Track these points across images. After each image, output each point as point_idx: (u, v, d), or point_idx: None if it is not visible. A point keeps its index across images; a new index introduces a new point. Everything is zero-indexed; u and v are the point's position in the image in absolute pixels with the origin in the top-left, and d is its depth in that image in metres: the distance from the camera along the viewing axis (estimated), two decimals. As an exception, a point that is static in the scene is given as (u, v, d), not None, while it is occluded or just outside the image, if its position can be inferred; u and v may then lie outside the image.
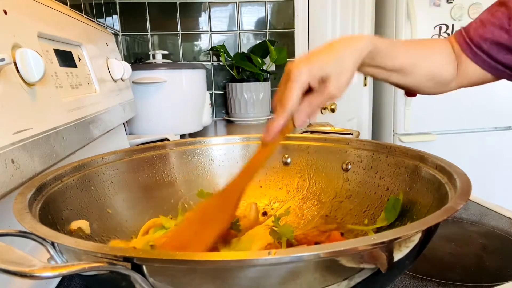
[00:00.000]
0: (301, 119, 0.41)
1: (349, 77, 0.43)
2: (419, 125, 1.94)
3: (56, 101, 0.50)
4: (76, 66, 0.63)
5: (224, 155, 0.56)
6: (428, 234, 0.30)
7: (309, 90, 0.42)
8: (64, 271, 0.21)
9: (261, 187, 0.56)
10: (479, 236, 0.52)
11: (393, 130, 1.99)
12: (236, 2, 1.56)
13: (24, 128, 0.40)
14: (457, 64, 0.56)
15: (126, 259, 0.23)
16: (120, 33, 1.46)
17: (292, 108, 0.40)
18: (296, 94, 0.40)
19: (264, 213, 0.54)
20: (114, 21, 1.39)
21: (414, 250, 0.29)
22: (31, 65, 0.42)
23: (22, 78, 0.42)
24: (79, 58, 0.66)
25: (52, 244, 0.28)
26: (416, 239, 0.28)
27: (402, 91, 1.90)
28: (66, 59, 0.60)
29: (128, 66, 0.90)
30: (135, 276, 0.23)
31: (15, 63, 0.41)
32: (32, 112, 0.43)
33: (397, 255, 0.27)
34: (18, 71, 0.42)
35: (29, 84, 0.43)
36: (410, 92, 1.84)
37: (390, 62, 0.51)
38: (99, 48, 0.80)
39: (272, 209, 0.54)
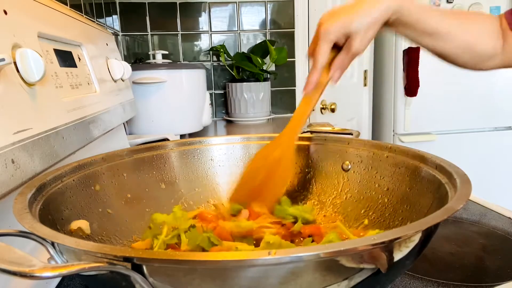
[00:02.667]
0: (335, 74, 0.47)
1: (372, 34, 0.48)
2: (419, 125, 1.95)
3: (56, 101, 0.50)
4: (76, 66, 0.63)
5: (224, 155, 0.56)
6: (428, 234, 0.30)
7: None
8: (64, 271, 0.21)
9: None
10: (479, 236, 0.52)
11: (393, 130, 1.99)
12: (236, 2, 1.56)
13: (24, 128, 0.40)
14: (503, 41, 0.56)
15: (126, 259, 0.23)
16: (120, 33, 1.46)
17: (322, 62, 0.46)
18: (324, 50, 0.46)
19: None
20: (114, 21, 1.39)
21: (414, 250, 0.29)
22: (31, 65, 0.42)
23: (22, 78, 0.42)
24: (79, 58, 0.66)
25: (52, 244, 0.28)
26: (416, 239, 0.28)
27: (402, 91, 1.90)
28: (66, 59, 0.60)
29: (128, 66, 0.90)
30: (135, 276, 0.23)
31: (15, 63, 0.41)
32: (32, 112, 0.43)
33: (397, 255, 0.27)
34: (18, 71, 0.42)
35: (29, 84, 0.43)
36: (411, 90, 1.81)
37: (421, 24, 0.51)
38: (99, 48, 0.80)
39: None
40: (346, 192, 0.51)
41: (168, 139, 0.99)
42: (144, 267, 0.23)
